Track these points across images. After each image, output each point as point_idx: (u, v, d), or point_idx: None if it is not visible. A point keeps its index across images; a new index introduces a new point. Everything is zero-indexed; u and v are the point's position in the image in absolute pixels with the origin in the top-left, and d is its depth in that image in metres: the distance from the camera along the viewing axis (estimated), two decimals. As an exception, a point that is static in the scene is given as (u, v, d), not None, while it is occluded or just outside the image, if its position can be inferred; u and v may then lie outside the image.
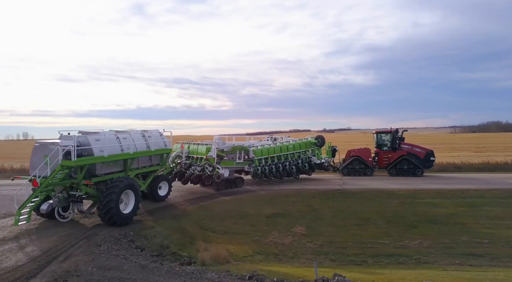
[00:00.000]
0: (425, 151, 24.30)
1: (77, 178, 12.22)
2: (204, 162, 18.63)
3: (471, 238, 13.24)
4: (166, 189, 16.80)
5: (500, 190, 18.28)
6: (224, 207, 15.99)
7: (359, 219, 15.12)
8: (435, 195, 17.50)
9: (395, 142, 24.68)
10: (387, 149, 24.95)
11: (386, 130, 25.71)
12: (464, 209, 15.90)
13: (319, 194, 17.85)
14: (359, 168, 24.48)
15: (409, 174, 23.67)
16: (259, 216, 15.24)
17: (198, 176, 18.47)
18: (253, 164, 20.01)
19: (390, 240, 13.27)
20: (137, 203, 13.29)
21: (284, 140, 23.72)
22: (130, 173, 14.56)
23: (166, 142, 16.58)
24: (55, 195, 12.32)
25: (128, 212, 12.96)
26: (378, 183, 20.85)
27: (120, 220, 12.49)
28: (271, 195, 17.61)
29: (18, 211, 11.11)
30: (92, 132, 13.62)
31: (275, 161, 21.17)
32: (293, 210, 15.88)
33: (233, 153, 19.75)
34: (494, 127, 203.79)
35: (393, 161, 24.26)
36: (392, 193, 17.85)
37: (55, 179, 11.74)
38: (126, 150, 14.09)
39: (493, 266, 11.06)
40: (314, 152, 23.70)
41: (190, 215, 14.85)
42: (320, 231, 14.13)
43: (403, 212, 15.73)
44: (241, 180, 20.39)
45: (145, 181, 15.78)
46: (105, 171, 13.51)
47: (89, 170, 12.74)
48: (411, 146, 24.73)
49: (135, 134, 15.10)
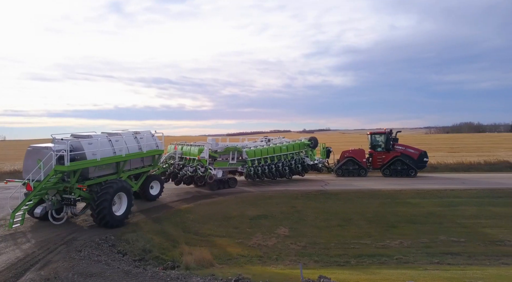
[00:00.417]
0: (419, 152, 24.61)
1: (71, 182, 12.38)
2: (196, 163, 18.73)
3: (449, 237, 13.61)
4: (158, 189, 17.02)
5: (475, 189, 18.91)
6: (207, 209, 15.87)
7: (341, 220, 15.31)
8: (414, 195, 17.94)
9: (389, 143, 24.92)
10: (381, 150, 25.16)
11: (380, 131, 25.98)
12: (442, 209, 16.35)
13: (302, 195, 17.97)
14: (353, 169, 24.68)
15: (402, 174, 23.96)
16: (242, 218, 15.19)
17: (190, 176, 18.60)
18: (246, 165, 20.18)
19: (371, 240, 13.49)
20: (129, 205, 13.50)
21: (277, 141, 23.87)
22: (123, 175, 14.75)
23: (158, 143, 16.71)
24: (48, 199, 12.46)
25: (120, 214, 13.15)
26: (359, 184, 21.22)
27: (113, 222, 12.63)
28: (254, 197, 17.61)
29: (12, 214, 11.31)
30: (85, 135, 13.73)
31: (268, 162, 21.36)
32: (276, 211, 15.91)
33: (227, 154, 19.93)
34: (466, 128, 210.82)
35: (387, 162, 24.49)
36: (373, 194, 18.18)
37: (48, 183, 11.84)
38: (119, 152, 14.25)
39: (470, 264, 11.40)
40: (307, 153, 23.94)
41: (172, 217, 14.66)
42: (303, 232, 14.21)
43: (383, 212, 16.03)
44: (234, 180, 20.57)
45: (137, 181, 15.95)
46: (98, 174, 13.65)
47: (82, 174, 12.90)
48: (405, 147, 25.01)
49: (127, 136, 15.21)
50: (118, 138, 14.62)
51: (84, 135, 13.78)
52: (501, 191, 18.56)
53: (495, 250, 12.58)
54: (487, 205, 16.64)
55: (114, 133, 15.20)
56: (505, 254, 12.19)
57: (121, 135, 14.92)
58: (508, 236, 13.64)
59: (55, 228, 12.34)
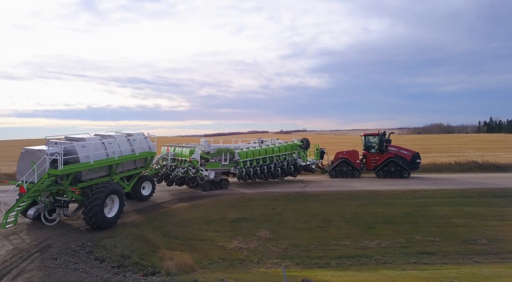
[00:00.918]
0: (411, 154, 24.92)
1: (64, 185, 12.51)
2: (187, 164, 18.87)
3: (424, 237, 14.04)
4: (149, 189, 17.29)
5: (447, 190, 19.57)
6: (186, 212, 15.66)
7: (321, 221, 15.49)
8: (391, 196, 18.37)
9: (382, 144, 25.07)
10: (375, 152, 25.28)
11: (374, 133, 26.21)
12: (417, 209, 16.82)
13: (282, 197, 18.05)
14: (346, 170, 24.81)
15: (396, 176, 24.23)
16: (223, 221, 15.10)
17: (181, 178, 18.87)
18: (238, 166, 20.33)
19: (351, 242, 13.73)
20: (121, 207, 13.61)
21: (270, 142, 23.96)
22: (115, 177, 14.89)
23: (150, 145, 16.88)
24: (41, 200, 12.51)
25: (112, 216, 13.24)
26: (338, 185, 21.55)
27: (104, 224, 12.73)
28: (234, 199, 17.52)
29: (6, 215, 11.41)
30: (79, 138, 13.88)
31: (260, 163, 21.52)
32: (257, 214, 15.91)
33: (219, 156, 20.09)
34: (436, 129, 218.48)
35: (381, 163, 24.67)
36: (352, 195, 18.48)
37: (42, 186, 11.94)
38: (112, 155, 14.36)
39: (445, 263, 11.82)
40: (300, 154, 24.14)
41: (151, 221, 14.37)
42: (284, 234, 14.29)
43: (362, 213, 16.33)
44: (226, 181, 20.71)
45: (129, 182, 16.18)
46: (90, 176, 13.72)
47: (75, 176, 13.00)
48: (398, 149, 25.31)
49: (120, 138, 15.26)
50: (111, 140, 14.70)
51: (77, 138, 13.89)
52: (471, 191, 19.29)
53: (468, 248, 13.09)
54: (459, 205, 17.26)
55: (107, 135, 15.20)
56: (477, 253, 12.72)
57: (114, 138, 14.95)
58: (479, 235, 14.22)
59: (27, 234, 11.85)
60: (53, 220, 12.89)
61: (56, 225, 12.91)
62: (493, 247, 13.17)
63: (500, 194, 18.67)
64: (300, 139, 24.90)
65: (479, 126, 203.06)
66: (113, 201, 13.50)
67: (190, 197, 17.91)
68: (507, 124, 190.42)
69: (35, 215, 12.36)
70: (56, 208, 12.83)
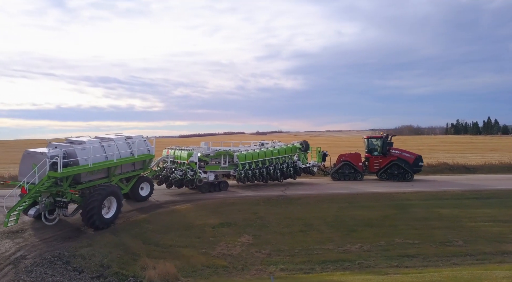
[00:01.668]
0: (414, 156, 25.17)
1: (63, 187, 13.03)
2: (186, 166, 19.17)
3: (404, 240, 14.31)
4: (148, 190, 17.75)
5: (423, 192, 20.13)
6: (166, 218, 15.28)
7: (303, 225, 15.50)
8: (370, 199, 18.68)
9: (385, 147, 25.28)
10: (378, 154, 25.42)
11: (377, 136, 26.49)
12: (395, 212, 17.17)
13: (263, 201, 17.96)
14: (349, 173, 24.90)
15: (399, 178, 24.44)
16: (204, 227, 14.83)
17: (180, 180, 19.12)
18: (237, 168, 20.65)
19: (333, 245, 13.80)
20: (118, 208, 14.08)
21: (270, 145, 24.20)
22: (114, 179, 15.29)
23: (149, 148, 17.40)
24: (41, 201, 13.01)
25: (110, 217, 13.70)
26: (339, 187, 21.77)
27: (102, 225, 13.18)
28: (215, 204, 17.28)
29: (8, 214, 11.88)
30: (79, 141, 14.34)
31: (259, 165, 21.79)
32: (239, 218, 15.74)
33: (218, 158, 20.47)
34: (407, 130, 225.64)
35: (384, 166, 24.85)
36: (332, 198, 18.64)
37: (42, 187, 12.42)
38: (111, 157, 14.79)
39: (425, 266, 12.08)
40: (300, 156, 24.21)
41: (131, 228, 13.92)
42: (267, 239, 14.19)
43: (342, 216, 16.49)
44: (225, 184, 20.98)
45: (128, 184, 16.69)
46: (89, 178, 14.25)
47: (74, 178, 13.56)
48: (401, 152, 25.49)
49: (119, 141, 15.70)
50: (110, 143, 15.07)
51: (78, 141, 14.38)
52: (445, 193, 19.92)
53: (446, 250, 13.44)
54: (435, 207, 17.77)
55: (107, 138, 15.65)
56: (455, 255, 13.08)
57: (113, 141, 15.32)
58: (455, 236, 14.64)
59: (3, 244, 11.19)
60: (53, 220, 13.47)
61: (29, 235, 12.28)
62: (469, 248, 13.59)
63: (472, 196, 19.37)
64: (300, 141, 25.07)
65: (446, 128, 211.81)
66: (111, 203, 13.91)
67: (170, 202, 17.51)
68: (472, 126, 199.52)
69: (35, 215, 12.90)
70: (56, 208, 13.43)
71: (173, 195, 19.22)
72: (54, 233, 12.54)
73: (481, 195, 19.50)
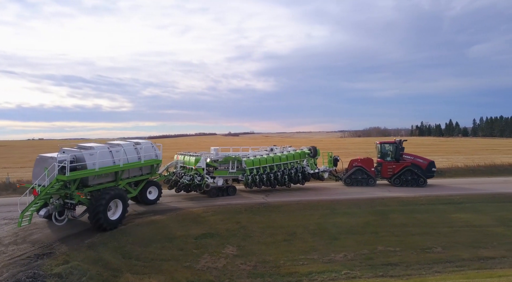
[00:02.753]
0: (427, 162, 25.33)
1: (71, 189, 13.90)
2: (193, 172, 19.79)
3: (386, 247, 14.53)
4: (156, 194, 18.44)
5: (400, 198, 20.55)
6: (146, 230, 14.70)
7: (287, 234, 15.41)
8: (350, 205, 18.85)
9: (398, 153, 25.32)
10: (390, 160, 25.44)
11: (390, 141, 26.43)
12: (375, 218, 17.43)
13: (245, 209, 17.69)
14: (361, 178, 24.91)
15: (412, 184, 24.52)
16: (187, 238, 14.40)
17: (187, 185, 19.80)
18: (245, 174, 21.23)
19: (318, 255, 13.78)
20: (124, 210, 14.84)
21: (280, 150, 24.56)
22: (121, 183, 16.08)
23: (157, 153, 18.00)
24: (52, 202, 14.13)
25: (116, 218, 14.44)
26: (299, 194, 21.74)
27: (107, 226, 13.95)
28: (196, 214, 16.82)
29: (21, 215, 12.78)
30: (88, 147, 15.27)
31: (267, 170, 22.12)
32: (222, 228, 15.41)
33: (227, 163, 21.16)
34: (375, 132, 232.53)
35: (398, 171, 24.91)
36: (313, 205, 18.65)
37: (52, 189, 13.28)
38: (118, 162, 15.50)
39: (409, 275, 12.28)
40: (309, 162, 24.18)
41: (109, 242, 13.24)
42: (251, 250, 13.97)
43: (325, 223, 16.54)
44: (233, 188, 21.48)
45: (136, 187, 17.37)
46: (97, 181, 15.01)
47: (82, 181, 14.41)
48: (414, 157, 25.63)
49: (127, 146, 16.46)
50: (118, 148, 15.78)
51: (87, 147, 15.30)
52: (421, 198, 20.44)
53: (427, 258, 13.75)
54: (413, 213, 18.21)
55: (116, 144, 16.48)
56: (436, 262, 13.40)
57: (121, 146, 16.09)
58: (434, 243, 15.04)
59: None
60: (62, 221, 14.42)
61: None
62: (448, 255, 13.98)
63: (447, 201, 20.00)
64: (308, 147, 25.02)
65: (412, 129, 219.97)
66: (117, 205, 14.67)
67: (150, 211, 16.88)
68: (436, 128, 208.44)
69: (45, 215, 14.08)
70: (65, 210, 14.50)
71: (148, 207, 18.53)
72: (27, 250, 11.70)
73: (453, 201, 20.17)
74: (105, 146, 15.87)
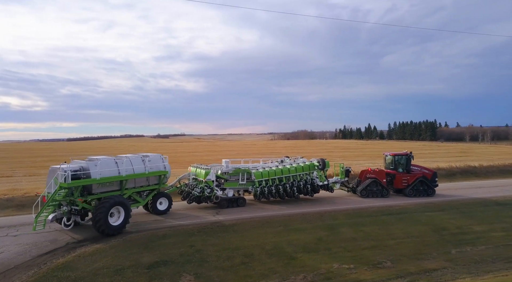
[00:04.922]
0: (432, 172, 26.52)
1: (74, 196, 15.18)
2: (203, 184, 20.75)
3: (341, 264, 14.74)
4: (166, 205, 19.64)
5: (345, 210, 21.32)
6: (91, 261, 13.11)
7: (244, 256, 14.89)
8: (302, 221, 18.98)
9: (409, 164, 26.40)
10: (402, 171, 26.28)
11: (402, 153, 27.05)
12: (326, 233, 17.73)
13: (198, 230, 16.78)
14: (376, 190, 25.43)
15: (423, 194, 25.73)
16: (137, 268, 13.11)
17: (198, 196, 20.77)
18: (254, 185, 22.01)
19: (278, 278, 13.47)
20: (126, 217, 15.95)
21: (290, 161, 25.23)
22: (126, 192, 17.14)
23: (166, 165, 19.22)
24: (60, 208, 15.51)
25: (118, 224, 15.68)
26: (248, 210, 21.32)
27: (108, 231, 15.19)
28: (146, 238, 15.49)
29: (35, 219, 14.36)
30: (95, 159, 16.63)
31: (276, 182, 22.74)
32: (175, 254, 14.36)
33: (237, 175, 21.94)
34: (302, 135, 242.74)
35: (412, 182, 25.84)
36: (266, 222, 18.41)
37: (58, 196, 14.85)
38: (123, 172, 16.60)
39: (368, 294, 12.57)
40: (318, 174, 24.18)
41: (47, 279, 11.51)
42: (209, 277, 13.16)
43: (280, 242, 16.35)
44: (243, 200, 22.22)
45: (145, 198, 18.59)
46: (101, 190, 16.16)
47: (87, 189, 15.77)
48: (421, 168, 26.62)
49: (134, 158, 17.74)
50: (124, 159, 16.94)
51: (94, 159, 16.66)
52: (365, 210, 21.45)
53: (380, 274, 14.21)
54: (359, 226, 18.91)
55: (123, 156, 17.74)
56: (389, 278, 13.88)
57: (128, 158, 17.30)
58: (383, 256, 15.67)
59: None
60: (69, 225, 15.88)
61: None
62: (398, 269, 14.62)
63: (387, 212, 21.21)
64: (317, 159, 25.32)
65: (335, 132, 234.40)
66: (119, 212, 15.77)
67: (92, 238, 15.11)
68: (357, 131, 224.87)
69: (53, 220, 15.37)
70: (72, 216, 15.84)
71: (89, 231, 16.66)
72: None
73: (393, 211, 21.47)
74: (111, 158, 17.34)
